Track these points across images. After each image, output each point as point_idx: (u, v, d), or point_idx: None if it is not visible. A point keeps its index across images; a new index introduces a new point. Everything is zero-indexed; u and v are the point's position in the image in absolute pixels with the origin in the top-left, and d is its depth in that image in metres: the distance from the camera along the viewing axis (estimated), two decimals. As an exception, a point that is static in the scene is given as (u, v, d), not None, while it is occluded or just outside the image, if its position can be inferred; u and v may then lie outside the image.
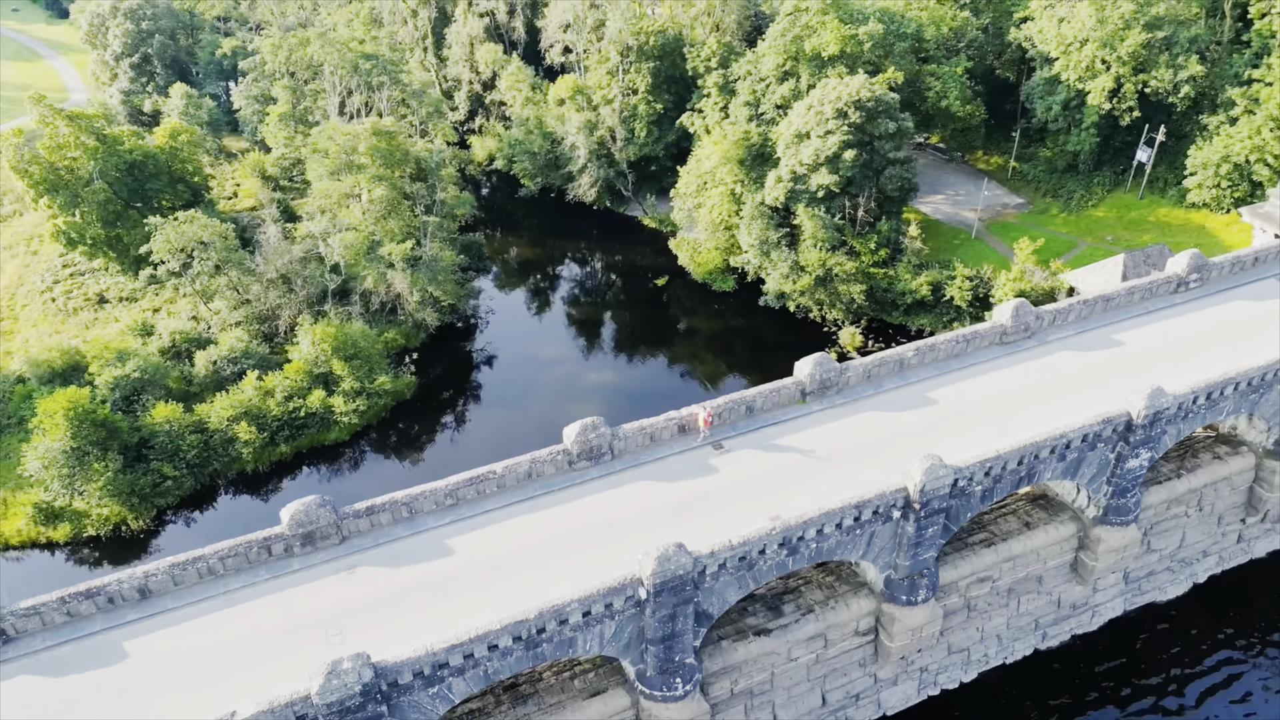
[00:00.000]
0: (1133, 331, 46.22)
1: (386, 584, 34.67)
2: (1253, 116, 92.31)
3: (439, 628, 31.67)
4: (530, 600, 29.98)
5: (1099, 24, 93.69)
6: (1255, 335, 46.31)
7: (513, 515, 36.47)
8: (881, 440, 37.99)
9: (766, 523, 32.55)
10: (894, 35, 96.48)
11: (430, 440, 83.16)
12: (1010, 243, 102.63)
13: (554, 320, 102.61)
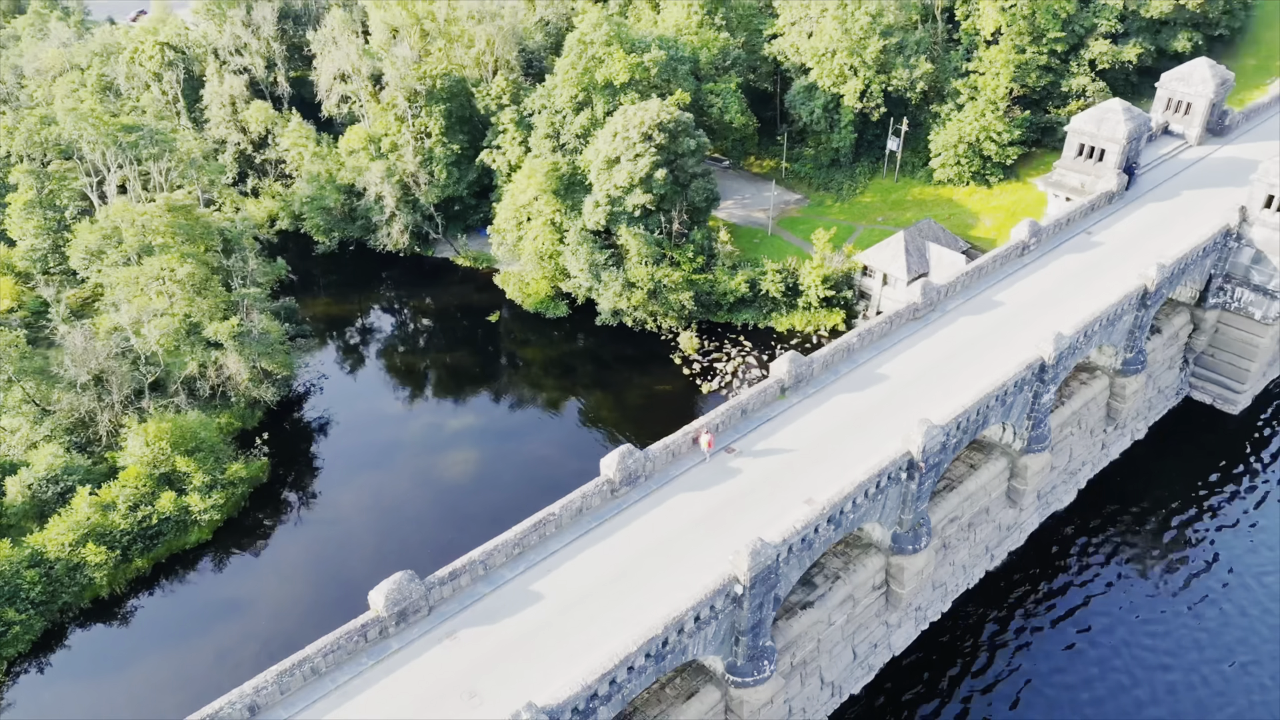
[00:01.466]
0: (1005, 291, 54.88)
1: (493, 640, 34.52)
2: (975, 102, 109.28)
3: (562, 668, 32.38)
4: (628, 624, 31.15)
5: (844, 35, 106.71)
6: (1091, 280, 56.58)
7: (579, 550, 38.11)
8: (859, 416, 42.85)
9: (805, 506, 35.99)
10: (675, 60, 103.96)
11: (304, 520, 78.80)
12: (800, 235, 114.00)
13: (394, 373, 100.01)
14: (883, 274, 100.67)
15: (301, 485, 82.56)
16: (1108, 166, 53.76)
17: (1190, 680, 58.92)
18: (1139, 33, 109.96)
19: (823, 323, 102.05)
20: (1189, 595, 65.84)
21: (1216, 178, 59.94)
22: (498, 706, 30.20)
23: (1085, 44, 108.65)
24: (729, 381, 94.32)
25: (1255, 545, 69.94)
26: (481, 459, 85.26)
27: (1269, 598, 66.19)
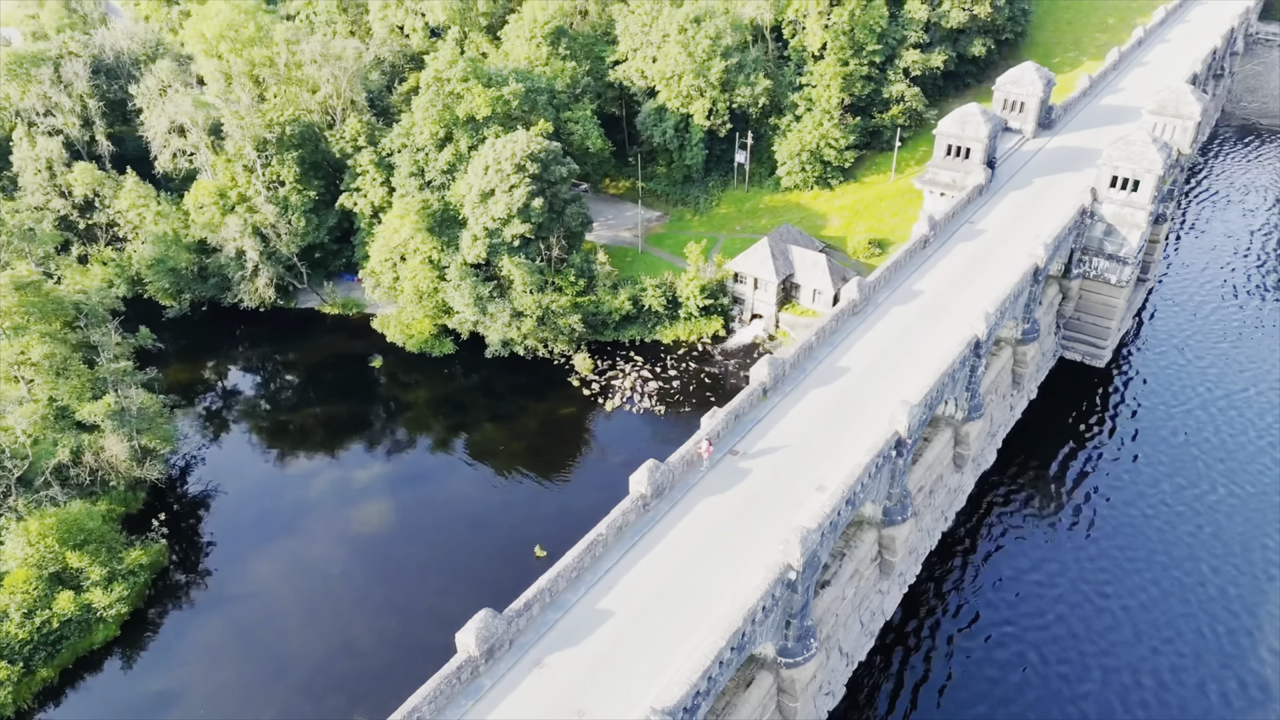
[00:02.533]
0: (921, 281, 60.39)
1: (579, 661, 34.98)
2: (811, 113, 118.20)
3: (653, 675, 33.33)
4: (699, 626, 32.63)
5: (689, 58, 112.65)
6: (988, 264, 63.47)
7: (630, 564, 39.09)
8: (835, 406, 46.70)
9: (818, 494, 38.91)
10: (534, 91, 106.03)
11: (221, 597, 74.20)
12: (668, 250, 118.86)
13: (280, 434, 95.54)
14: (753, 279, 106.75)
15: (208, 562, 77.68)
16: (974, 163, 61.04)
17: (1102, 585, 70.29)
18: (941, 41, 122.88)
19: (704, 331, 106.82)
20: (1089, 523, 75.83)
21: (1057, 165, 69.25)
22: (611, 717, 31.12)
23: (899, 54, 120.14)
24: (629, 397, 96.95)
25: (1133, 473, 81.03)
26: (398, 507, 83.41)
27: (1140, 516, 76.88)
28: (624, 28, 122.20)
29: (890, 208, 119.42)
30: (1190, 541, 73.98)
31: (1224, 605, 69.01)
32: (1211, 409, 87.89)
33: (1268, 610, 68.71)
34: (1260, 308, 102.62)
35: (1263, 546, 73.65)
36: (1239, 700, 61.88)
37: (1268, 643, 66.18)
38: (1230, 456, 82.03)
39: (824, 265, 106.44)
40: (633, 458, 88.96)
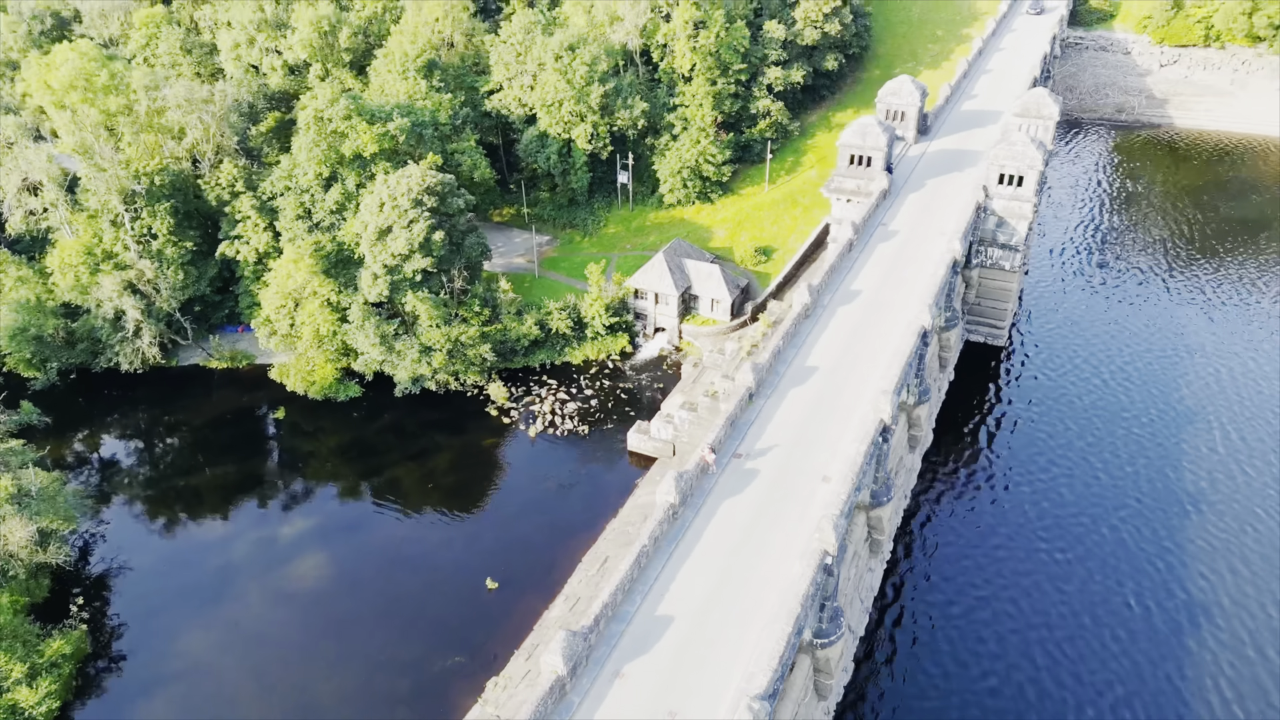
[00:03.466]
0: (856, 281, 64.04)
1: (655, 665, 35.98)
2: (687, 132, 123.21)
3: (725, 669, 34.88)
4: (756, 620, 34.94)
5: (568, 85, 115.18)
6: (910, 260, 68.74)
7: (674, 570, 40.53)
8: (816, 403, 49.96)
9: (825, 484, 41.67)
10: (419, 126, 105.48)
11: (158, 676, 69.75)
12: (564, 273, 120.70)
13: (187, 499, 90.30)
14: (654, 293, 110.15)
15: (136, 643, 72.82)
16: (876, 170, 66.43)
17: (1048, 540, 77.82)
18: (798, 58, 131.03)
19: (612, 348, 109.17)
20: (1023, 485, 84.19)
21: (941, 167, 76.14)
22: (703, 712, 32.46)
23: (762, 72, 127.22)
24: (551, 420, 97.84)
25: (1046, 435, 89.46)
26: (333, 558, 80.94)
27: (1062, 474, 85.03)
28: (497, 58, 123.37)
29: (769, 216, 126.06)
30: (1102, 488, 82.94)
31: (1146, 535, 78.50)
32: (1095, 367, 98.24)
33: (1171, 525, 77.92)
34: (1114, 279, 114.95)
35: (1163, 475, 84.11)
36: (1164, 604, 70.46)
37: (1178, 551, 75.69)
38: (1118, 408, 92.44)
39: (719, 275, 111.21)
40: (566, 480, 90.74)
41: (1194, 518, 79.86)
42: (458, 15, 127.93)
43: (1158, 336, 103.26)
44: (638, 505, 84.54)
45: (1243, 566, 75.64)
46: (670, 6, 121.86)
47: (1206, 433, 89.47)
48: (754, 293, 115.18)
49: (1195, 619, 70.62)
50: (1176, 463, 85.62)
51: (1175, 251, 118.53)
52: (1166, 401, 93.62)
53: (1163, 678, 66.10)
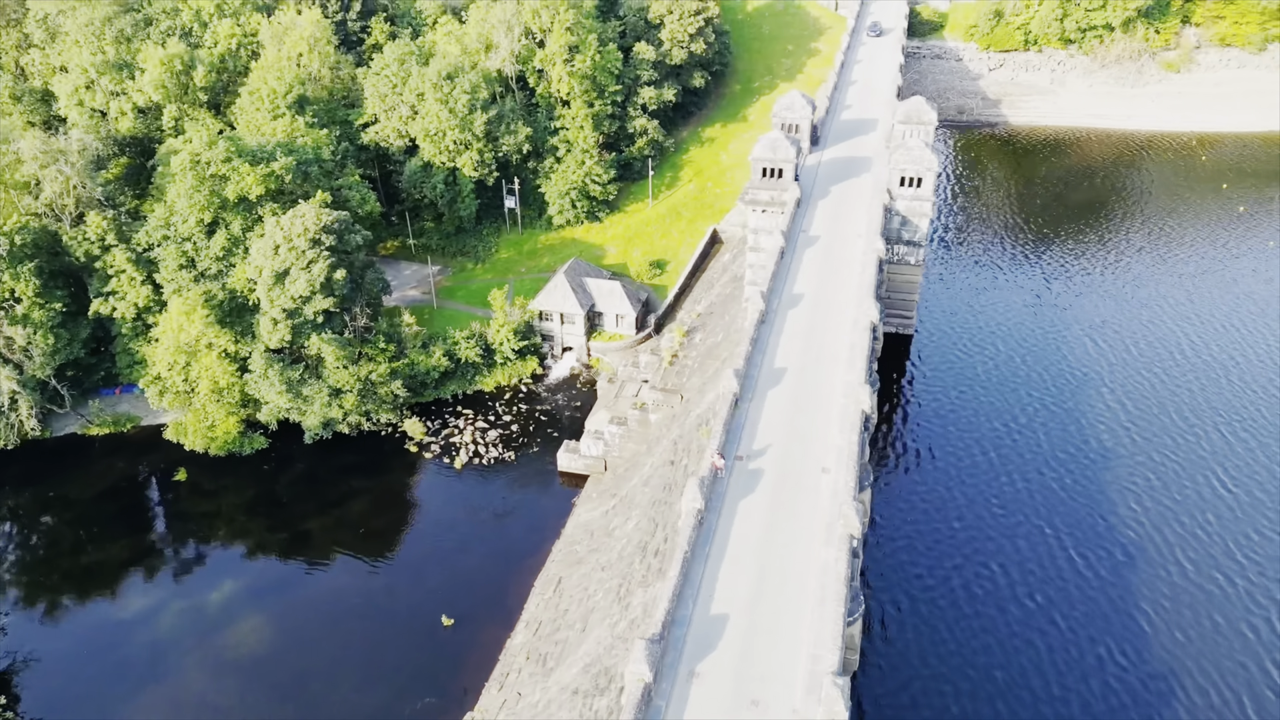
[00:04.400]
0: (798, 285, 65.30)
1: (724, 661, 37.38)
2: (571, 154, 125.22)
3: (789, 656, 37.10)
4: (807, 609, 38.23)
5: (451, 114, 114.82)
6: (840, 262, 70.95)
7: (714, 573, 42.14)
8: (794, 401, 52.20)
9: (827, 475, 44.10)
10: (304, 163, 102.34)
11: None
12: (462, 301, 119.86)
13: (89, 581, 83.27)
14: (559, 314, 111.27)
15: (65, 739, 67.06)
16: (788, 181, 70.48)
17: (992, 507, 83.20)
18: (668, 77, 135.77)
19: (522, 372, 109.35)
20: (957, 458, 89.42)
21: (840, 174, 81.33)
22: (784, 696, 33.98)
23: (636, 91, 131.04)
24: (475, 450, 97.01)
25: (966, 413, 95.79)
26: (272, 618, 77.30)
27: (990, 445, 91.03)
28: (370, 90, 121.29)
29: (657, 231, 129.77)
30: (1017, 446, 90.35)
31: (1057, 478, 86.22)
32: (989, 344, 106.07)
33: (1075, 467, 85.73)
34: (985, 264, 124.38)
35: (1063, 430, 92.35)
36: (1085, 543, 77.83)
37: (1084, 488, 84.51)
38: (1017, 379, 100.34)
39: (620, 291, 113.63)
40: (501, 508, 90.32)
41: (1092, 458, 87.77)
42: (323, 49, 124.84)
43: (1035, 310, 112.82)
44: (580, 524, 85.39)
45: (1138, 488, 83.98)
46: (543, 33, 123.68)
47: (1091, 390, 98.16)
48: (654, 305, 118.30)
49: (1108, 543, 78.23)
50: (1073, 419, 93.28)
51: (1033, 234, 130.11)
52: (1055, 367, 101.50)
53: (1078, 587, 73.89)
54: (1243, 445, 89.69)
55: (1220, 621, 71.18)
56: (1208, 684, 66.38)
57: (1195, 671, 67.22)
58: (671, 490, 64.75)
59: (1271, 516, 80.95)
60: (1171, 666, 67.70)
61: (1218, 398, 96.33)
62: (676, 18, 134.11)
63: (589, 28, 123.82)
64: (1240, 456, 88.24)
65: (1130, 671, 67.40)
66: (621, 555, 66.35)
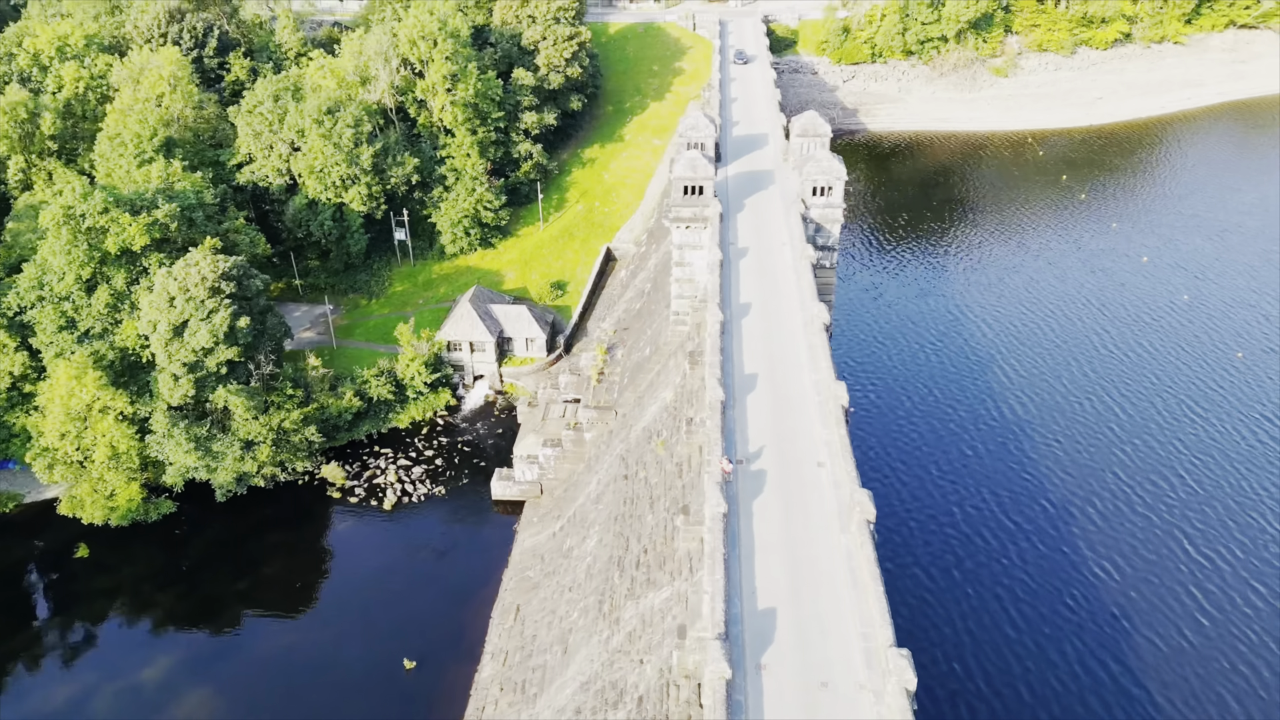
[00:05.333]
0: (743, 296, 68.65)
1: (784, 649, 39.16)
2: (461, 182, 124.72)
3: (846, 636, 39.74)
4: (843, 593, 41.38)
5: (336, 149, 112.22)
6: (776, 271, 71.11)
7: (750, 570, 43.79)
8: (774, 404, 54.25)
9: (821, 469, 47.50)
10: (188, 209, 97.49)
11: None
12: (362, 339, 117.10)
13: (21, 673, 76.28)
14: (468, 343, 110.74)
15: None
16: (708, 197, 73.57)
17: (947, 476, 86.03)
18: (547, 101, 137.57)
19: (436, 405, 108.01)
20: (897, 435, 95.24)
21: (748, 188, 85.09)
22: (848, 675, 36.17)
23: (519, 117, 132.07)
24: (403, 489, 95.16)
25: (892, 395, 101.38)
26: (219, 690, 73.31)
27: (900, 420, 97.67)
28: (245, 128, 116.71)
29: (551, 253, 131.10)
30: (948, 424, 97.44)
31: (975, 445, 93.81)
32: (899, 335, 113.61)
33: (985, 432, 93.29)
34: (881, 263, 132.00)
35: (977, 402, 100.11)
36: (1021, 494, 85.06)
37: (987, 448, 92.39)
38: (929, 363, 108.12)
39: (528, 315, 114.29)
40: (441, 544, 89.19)
41: (995, 424, 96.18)
42: (186, 89, 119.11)
43: (927, 300, 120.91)
44: (527, 550, 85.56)
45: (1037, 445, 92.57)
46: (422, 64, 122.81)
47: (991, 368, 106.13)
48: (561, 326, 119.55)
49: (1024, 497, 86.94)
50: (982, 391, 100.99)
51: (907, 232, 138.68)
52: (957, 351, 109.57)
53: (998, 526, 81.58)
54: (1120, 398, 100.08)
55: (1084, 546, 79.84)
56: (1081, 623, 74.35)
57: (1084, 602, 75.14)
58: (635, 503, 66.47)
59: (1152, 459, 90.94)
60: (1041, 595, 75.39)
61: (1095, 360, 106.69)
62: (551, 43, 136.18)
63: (467, 56, 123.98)
64: (1117, 408, 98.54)
65: (1027, 609, 74.65)
66: (591, 573, 67.42)
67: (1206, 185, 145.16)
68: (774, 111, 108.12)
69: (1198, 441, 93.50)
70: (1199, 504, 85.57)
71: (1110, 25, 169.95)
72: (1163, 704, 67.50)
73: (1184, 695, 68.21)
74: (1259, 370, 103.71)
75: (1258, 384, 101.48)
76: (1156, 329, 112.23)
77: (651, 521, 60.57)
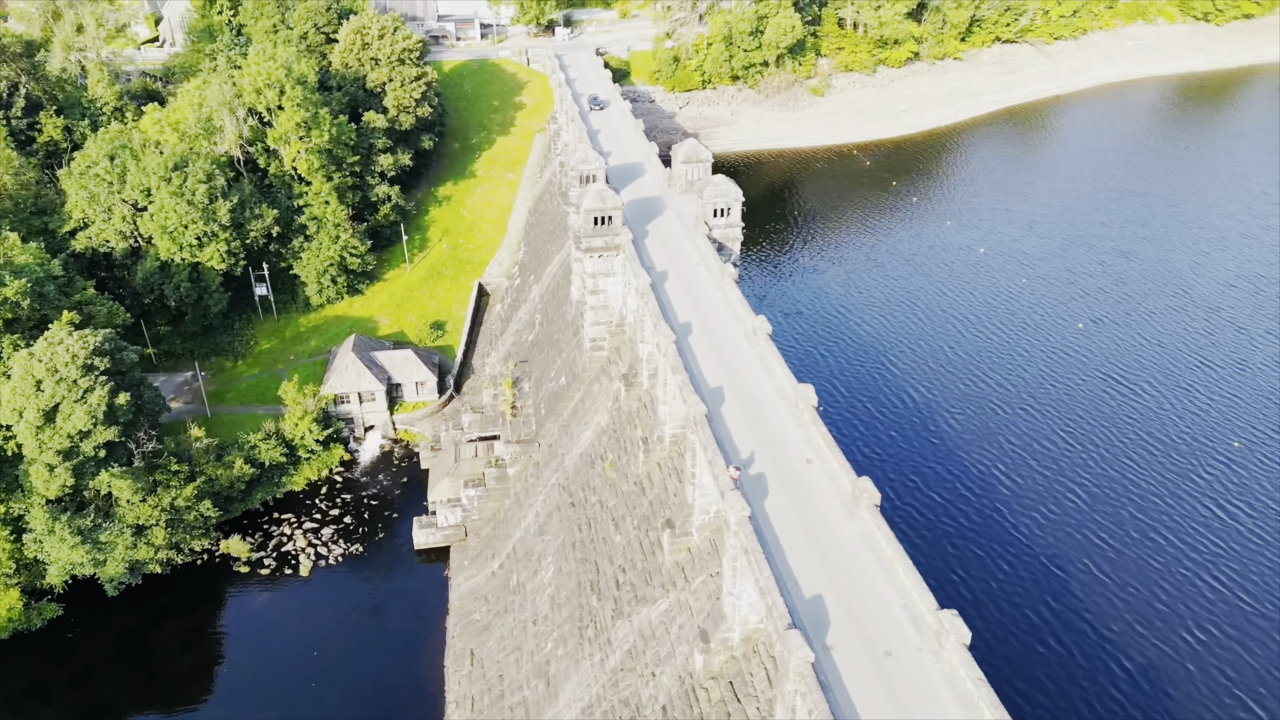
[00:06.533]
0: (683, 318, 68.99)
1: (841, 628, 41.33)
2: (324, 229, 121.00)
3: (888, 606, 42.75)
4: (869, 570, 44.58)
5: (190, 206, 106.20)
6: (698, 291, 71.94)
7: (784, 567, 45.72)
8: (746, 413, 56.29)
9: (810, 465, 50.85)
10: (38, 283, 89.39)
11: None
12: (237, 403, 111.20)
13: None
14: (357, 394, 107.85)
15: None
16: (618, 226, 76.24)
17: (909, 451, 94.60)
18: (400, 142, 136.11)
19: (330, 462, 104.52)
20: None
21: (643, 214, 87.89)
22: (904, 642, 39.38)
23: (374, 160, 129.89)
24: (316, 553, 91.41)
25: None
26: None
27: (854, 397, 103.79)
28: (78, 191, 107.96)
29: (423, 294, 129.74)
30: (904, 400, 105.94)
31: (922, 416, 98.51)
32: (810, 331, 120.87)
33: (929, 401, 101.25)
34: (759, 274, 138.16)
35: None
36: None
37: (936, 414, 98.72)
38: (850, 352, 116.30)
39: (415, 359, 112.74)
40: (370, 603, 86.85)
41: (908, 408, 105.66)
42: (4, 153, 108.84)
43: (816, 303, 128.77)
44: (466, 593, 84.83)
45: (945, 417, 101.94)
46: (269, 112, 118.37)
47: (873, 351, 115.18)
48: (447, 367, 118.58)
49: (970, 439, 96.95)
50: (887, 389, 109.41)
51: (773, 244, 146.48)
52: (844, 343, 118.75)
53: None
54: (984, 368, 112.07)
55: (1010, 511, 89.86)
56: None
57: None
58: (594, 527, 68.19)
59: (1015, 416, 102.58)
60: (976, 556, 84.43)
61: (960, 341, 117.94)
62: (399, 84, 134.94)
63: (317, 102, 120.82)
64: (984, 377, 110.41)
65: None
66: (557, 603, 68.38)
67: (1007, 183, 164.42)
68: (641, 140, 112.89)
69: (1050, 398, 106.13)
70: (1063, 453, 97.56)
71: (903, 46, 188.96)
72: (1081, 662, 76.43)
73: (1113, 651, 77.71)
74: (1098, 337, 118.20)
75: (1100, 349, 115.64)
76: (1007, 309, 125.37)
77: (622, 541, 62.68)
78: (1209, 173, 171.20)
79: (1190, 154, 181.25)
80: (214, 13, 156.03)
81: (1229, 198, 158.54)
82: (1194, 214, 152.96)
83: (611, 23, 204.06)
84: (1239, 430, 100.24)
